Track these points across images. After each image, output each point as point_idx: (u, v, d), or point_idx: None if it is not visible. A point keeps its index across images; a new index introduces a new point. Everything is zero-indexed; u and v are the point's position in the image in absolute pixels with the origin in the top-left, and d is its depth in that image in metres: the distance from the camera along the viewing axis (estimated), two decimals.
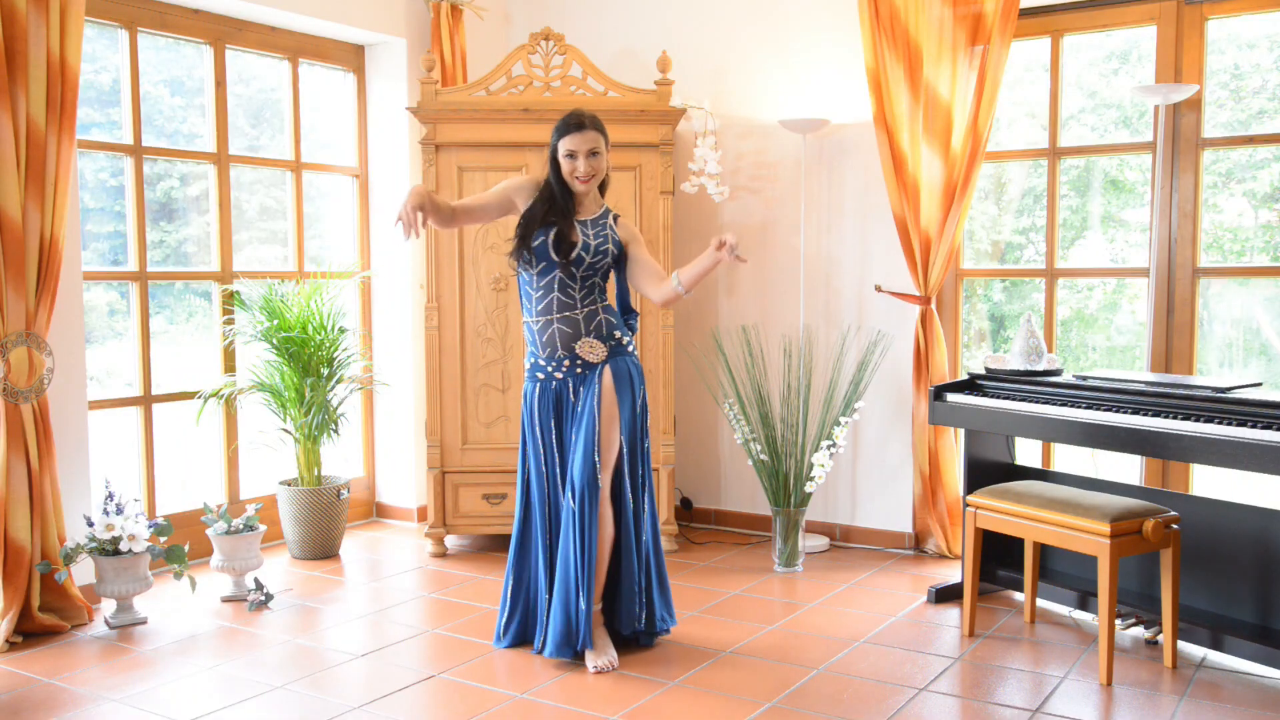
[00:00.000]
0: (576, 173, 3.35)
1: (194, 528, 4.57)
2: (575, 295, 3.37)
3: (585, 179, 3.36)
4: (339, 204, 5.37)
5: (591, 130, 3.35)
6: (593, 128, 3.35)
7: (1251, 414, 3.15)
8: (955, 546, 4.63)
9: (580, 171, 3.35)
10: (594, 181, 3.39)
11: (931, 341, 4.56)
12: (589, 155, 3.35)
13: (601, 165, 3.39)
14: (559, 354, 3.39)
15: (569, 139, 3.34)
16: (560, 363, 3.40)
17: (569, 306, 3.38)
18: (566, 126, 3.35)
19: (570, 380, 3.42)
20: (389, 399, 5.37)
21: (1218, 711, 3.05)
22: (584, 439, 3.36)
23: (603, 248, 3.39)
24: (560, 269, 3.36)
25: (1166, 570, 3.33)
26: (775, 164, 5.04)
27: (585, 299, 3.39)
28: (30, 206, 3.64)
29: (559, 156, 3.37)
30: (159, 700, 3.16)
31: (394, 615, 3.95)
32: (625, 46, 5.33)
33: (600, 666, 3.34)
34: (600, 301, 3.43)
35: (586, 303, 3.39)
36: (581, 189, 3.39)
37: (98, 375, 4.44)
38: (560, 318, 3.38)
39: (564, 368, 3.40)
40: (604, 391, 3.37)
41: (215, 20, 4.70)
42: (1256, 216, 4.33)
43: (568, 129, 3.34)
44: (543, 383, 3.45)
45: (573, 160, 3.35)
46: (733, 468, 5.26)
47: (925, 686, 3.24)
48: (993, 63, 4.29)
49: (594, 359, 3.39)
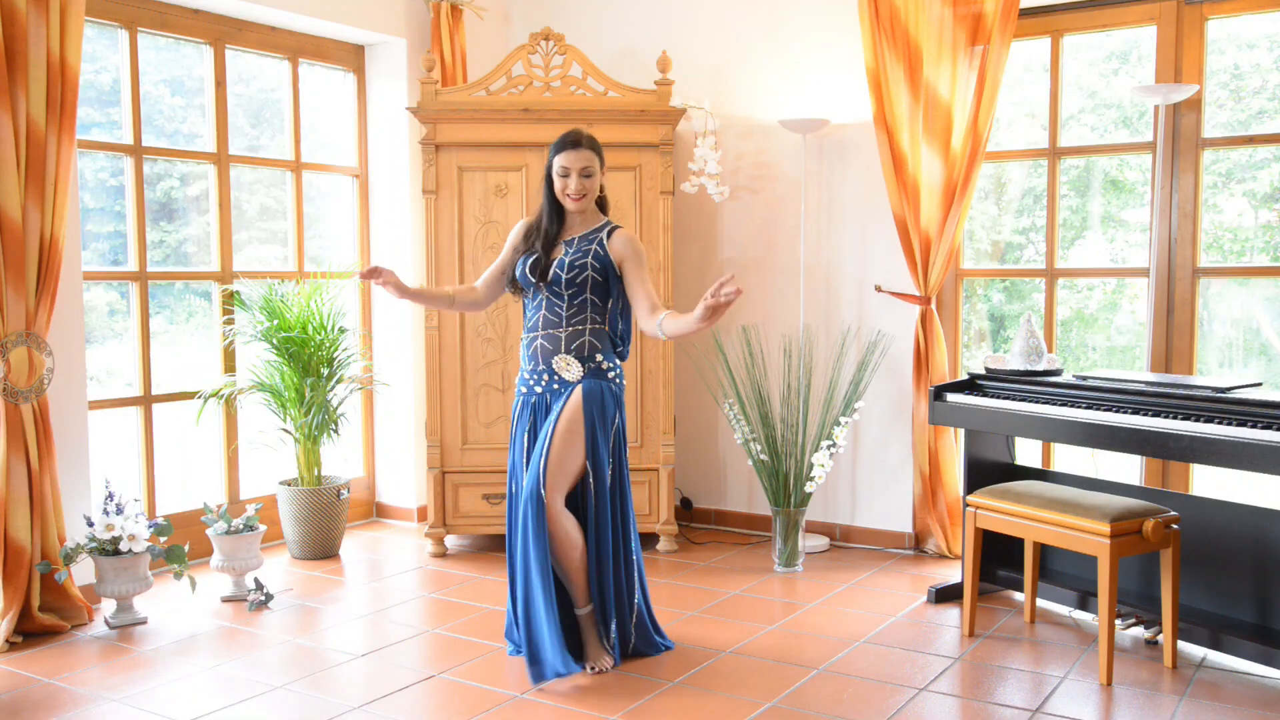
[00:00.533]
0: (568, 190, 3.39)
1: (194, 528, 4.57)
2: (562, 313, 3.40)
3: (576, 197, 3.38)
4: (339, 204, 5.37)
5: (587, 150, 3.38)
6: (588, 147, 3.39)
7: (1251, 414, 3.15)
8: (955, 546, 4.63)
9: (571, 190, 3.38)
10: (585, 201, 3.41)
11: (931, 341, 4.56)
12: (582, 174, 3.37)
13: (593, 186, 3.42)
14: (539, 368, 3.42)
15: (564, 155, 3.37)
16: (540, 376, 3.43)
17: (553, 324, 3.41)
18: (563, 143, 3.39)
19: (548, 395, 3.43)
20: (389, 399, 5.37)
21: (1218, 711, 3.05)
22: (536, 451, 3.36)
23: (579, 262, 3.38)
24: (547, 290, 3.41)
25: (1166, 570, 3.33)
26: (775, 164, 5.04)
27: (573, 318, 3.40)
28: (30, 206, 3.64)
29: (553, 173, 3.41)
30: (159, 700, 3.16)
31: (394, 615, 3.95)
32: (625, 46, 5.33)
33: (598, 668, 3.34)
34: (590, 323, 3.42)
35: (574, 321, 3.40)
36: (573, 207, 3.42)
37: (98, 375, 4.44)
38: (544, 334, 3.42)
39: (543, 382, 3.43)
40: (567, 408, 3.35)
41: (215, 20, 4.70)
42: (1256, 216, 4.33)
43: (564, 146, 3.38)
44: (524, 396, 3.48)
45: (565, 178, 3.38)
46: (733, 468, 5.25)
47: (925, 686, 3.24)
48: (993, 63, 4.29)
49: (570, 377, 3.39)
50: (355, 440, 5.41)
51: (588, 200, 3.43)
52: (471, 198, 4.68)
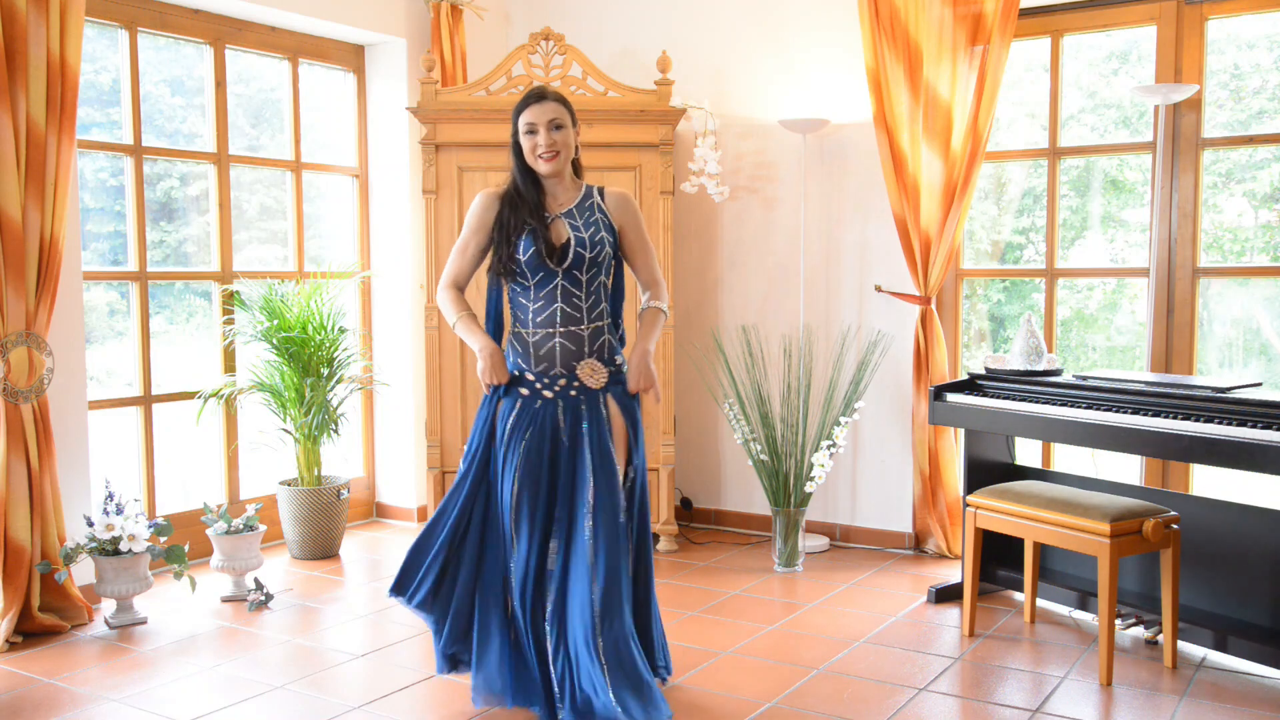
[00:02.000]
0: (538, 149, 2.97)
1: (194, 528, 4.57)
2: (582, 305, 2.99)
3: (549, 155, 2.97)
4: (339, 204, 5.37)
5: (553, 102, 2.98)
6: (554, 99, 2.99)
7: (1251, 414, 3.15)
8: (955, 546, 4.63)
9: (542, 147, 2.96)
10: (559, 160, 2.99)
11: (931, 341, 4.56)
12: (551, 128, 2.96)
13: (566, 140, 2.99)
14: (555, 370, 2.99)
15: (529, 111, 2.97)
16: (554, 381, 2.99)
17: (574, 320, 2.99)
18: (526, 100, 3.00)
19: (562, 401, 2.99)
20: (389, 399, 5.37)
21: (1218, 711, 3.05)
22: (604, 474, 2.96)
23: (598, 237, 3.00)
24: (563, 276, 2.98)
25: (1166, 570, 3.33)
26: (775, 164, 5.04)
27: (592, 310, 3.01)
28: (30, 206, 3.64)
29: (520, 136, 3.01)
30: (159, 700, 3.16)
31: (394, 615, 3.95)
32: (625, 46, 5.33)
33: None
34: (606, 316, 3.05)
35: (594, 316, 3.01)
36: (546, 169, 2.99)
37: (98, 375, 4.44)
38: (564, 332, 2.98)
39: (557, 387, 2.99)
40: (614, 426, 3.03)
41: (215, 20, 4.70)
42: (1256, 216, 4.33)
43: (527, 102, 2.99)
44: (526, 400, 3.00)
45: (533, 136, 2.97)
46: (733, 468, 5.26)
47: (925, 686, 3.24)
48: (993, 63, 4.29)
49: (594, 384, 3.00)
50: (355, 440, 5.41)
51: (562, 160, 3.00)
52: (471, 198, 4.67)
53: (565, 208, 3.05)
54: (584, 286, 3.00)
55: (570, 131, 3.01)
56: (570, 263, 2.97)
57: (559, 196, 3.07)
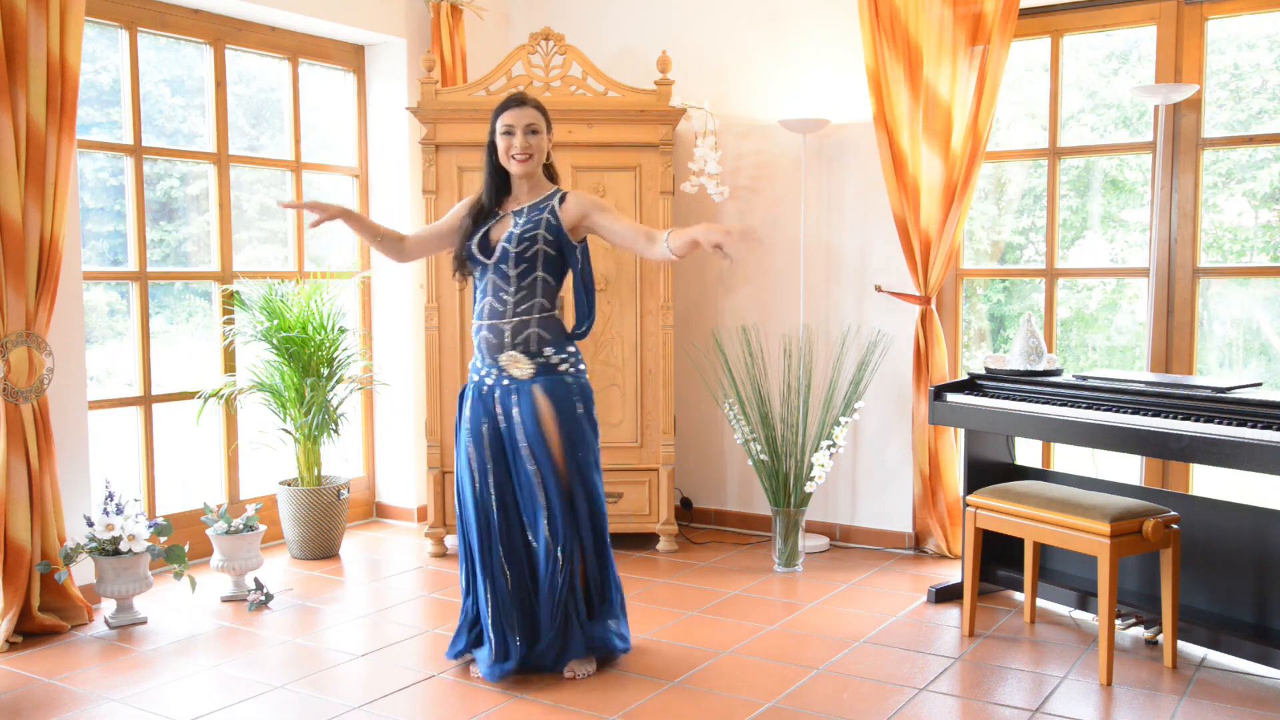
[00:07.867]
0: (513, 150, 3.18)
1: (194, 528, 4.57)
2: (508, 300, 3.19)
3: (522, 157, 3.17)
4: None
5: (531, 107, 3.20)
6: (533, 105, 3.21)
7: (1251, 414, 3.15)
8: (955, 546, 4.63)
9: (516, 149, 3.17)
10: (532, 162, 3.20)
11: (931, 341, 4.56)
12: (527, 131, 3.17)
13: (540, 145, 3.21)
14: (488, 360, 3.25)
15: (508, 114, 3.19)
16: (491, 371, 3.25)
17: (497, 314, 3.21)
18: (506, 103, 3.22)
19: (498, 390, 3.24)
20: (389, 399, 5.37)
21: (1218, 711, 3.05)
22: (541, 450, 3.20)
23: (529, 234, 3.17)
24: (492, 270, 3.20)
25: (1166, 570, 3.33)
26: (775, 164, 5.04)
27: (519, 304, 3.19)
28: (30, 206, 3.64)
29: (496, 136, 3.22)
30: (159, 700, 3.16)
31: (394, 615, 3.95)
32: (625, 46, 5.33)
33: (581, 674, 3.31)
34: (539, 311, 3.21)
35: (520, 310, 3.19)
36: (518, 170, 3.20)
37: (98, 375, 4.44)
38: (489, 324, 3.22)
39: (493, 376, 3.25)
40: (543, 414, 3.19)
41: (215, 20, 4.70)
42: (1256, 216, 4.33)
43: (507, 105, 3.21)
44: (475, 385, 3.30)
45: (510, 137, 3.18)
46: (733, 468, 5.26)
47: (925, 686, 3.24)
48: (993, 63, 4.29)
49: (519, 375, 3.22)
50: (355, 440, 5.41)
51: (535, 162, 3.22)
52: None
53: (520, 205, 3.27)
54: (513, 281, 3.19)
55: (545, 137, 3.24)
56: (497, 257, 3.19)
57: (521, 197, 3.29)
